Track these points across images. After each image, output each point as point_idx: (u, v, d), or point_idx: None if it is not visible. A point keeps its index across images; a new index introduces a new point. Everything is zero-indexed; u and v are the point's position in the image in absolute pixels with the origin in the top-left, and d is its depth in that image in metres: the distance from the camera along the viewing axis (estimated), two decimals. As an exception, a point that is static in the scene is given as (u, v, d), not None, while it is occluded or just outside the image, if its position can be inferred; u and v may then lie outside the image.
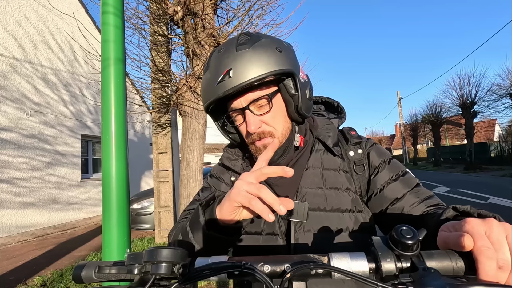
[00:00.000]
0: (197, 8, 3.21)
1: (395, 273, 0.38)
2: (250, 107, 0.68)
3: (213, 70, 0.67)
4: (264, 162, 0.57)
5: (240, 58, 0.64)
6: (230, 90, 0.63)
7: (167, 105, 3.82)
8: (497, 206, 6.35)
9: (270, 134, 0.70)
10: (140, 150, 9.84)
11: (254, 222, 0.73)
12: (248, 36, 0.68)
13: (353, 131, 0.80)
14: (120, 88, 1.51)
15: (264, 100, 0.68)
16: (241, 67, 0.63)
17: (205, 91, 0.70)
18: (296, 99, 0.70)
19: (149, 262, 0.38)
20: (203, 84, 0.71)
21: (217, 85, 0.65)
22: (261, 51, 0.65)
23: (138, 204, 5.93)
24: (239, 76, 0.63)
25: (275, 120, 0.70)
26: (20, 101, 6.15)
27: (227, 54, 0.66)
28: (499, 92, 15.04)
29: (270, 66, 0.64)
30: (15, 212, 5.88)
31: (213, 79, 0.66)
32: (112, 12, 1.51)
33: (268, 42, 0.67)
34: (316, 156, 0.75)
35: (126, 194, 1.50)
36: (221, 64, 0.65)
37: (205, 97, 0.70)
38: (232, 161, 0.82)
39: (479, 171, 15.22)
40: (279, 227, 0.71)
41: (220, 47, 0.69)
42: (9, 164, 5.84)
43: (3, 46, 5.90)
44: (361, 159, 0.74)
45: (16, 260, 4.60)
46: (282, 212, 0.49)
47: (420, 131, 26.90)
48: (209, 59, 0.70)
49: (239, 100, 0.68)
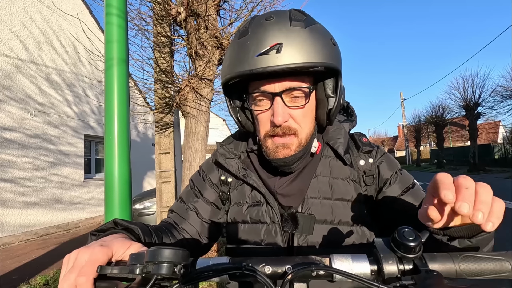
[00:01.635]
0: (200, 9, 3.22)
1: (397, 275, 0.38)
2: (282, 95, 0.59)
3: (254, 38, 0.56)
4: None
5: (293, 35, 0.55)
6: (273, 68, 0.54)
7: (170, 105, 3.84)
8: (501, 208, 6.29)
9: (294, 132, 0.62)
10: (142, 151, 9.88)
11: (253, 229, 0.69)
12: (302, 14, 0.60)
13: (364, 138, 0.73)
14: (123, 88, 1.52)
15: (300, 93, 0.60)
16: (293, 46, 0.54)
17: (237, 59, 0.58)
18: (331, 102, 0.64)
19: (150, 262, 0.37)
20: (235, 50, 0.59)
21: (257, 57, 0.55)
22: (317, 36, 0.57)
23: (140, 204, 5.93)
24: (290, 56, 0.54)
25: (305, 118, 0.63)
26: (24, 101, 6.20)
27: (279, 26, 0.56)
28: (503, 94, 14.93)
29: (324, 56, 0.56)
30: (19, 212, 5.92)
31: (254, 48, 0.55)
32: (115, 13, 1.52)
33: (324, 30, 0.60)
34: (325, 163, 0.69)
35: (128, 194, 1.51)
36: (269, 34, 0.55)
37: (235, 67, 0.58)
38: (227, 159, 0.73)
39: (483, 173, 15.10)
40: (282, 238, 0.66)
41: (269, 15, 0.59)
42: (13, 163, 5.89)
43: (8, 46, 5.96)
44: (371, 169, 0.68)
45: (19, 259, 4.63)
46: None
47: (423, 133, 26.75)
48: (250, 24, 0.60)
49: (273, 82, 0.59)
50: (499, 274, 0.39)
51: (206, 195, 0.76)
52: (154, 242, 0.58)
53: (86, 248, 0.42)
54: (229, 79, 0.60)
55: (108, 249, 0.43)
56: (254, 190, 0.70)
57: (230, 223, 0.73)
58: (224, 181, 0.75)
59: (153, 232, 0.59)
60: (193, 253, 0.75)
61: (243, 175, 0.70)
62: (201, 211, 0.75)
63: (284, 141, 0.62)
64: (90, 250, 0.42)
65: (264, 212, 0.68)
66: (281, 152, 0.62)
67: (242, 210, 0.71)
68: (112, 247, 0.43)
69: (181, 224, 0.74)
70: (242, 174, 0.71)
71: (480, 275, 0.39)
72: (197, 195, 0.77)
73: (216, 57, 3.44)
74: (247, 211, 0.70)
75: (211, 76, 3.49)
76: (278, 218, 0.66)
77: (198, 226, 0.74)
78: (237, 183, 0.74)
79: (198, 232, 0.74)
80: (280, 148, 0.62)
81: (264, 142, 0.65)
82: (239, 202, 0.72)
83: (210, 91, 3.55)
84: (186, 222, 0.74)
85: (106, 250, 0.42)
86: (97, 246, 0.43)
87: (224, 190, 0.75)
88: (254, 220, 0.69)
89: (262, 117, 0.63)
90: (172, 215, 0.78)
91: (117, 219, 0.54)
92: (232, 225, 0.72)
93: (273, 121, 0.60)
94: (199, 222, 0.75)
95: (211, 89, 3.56)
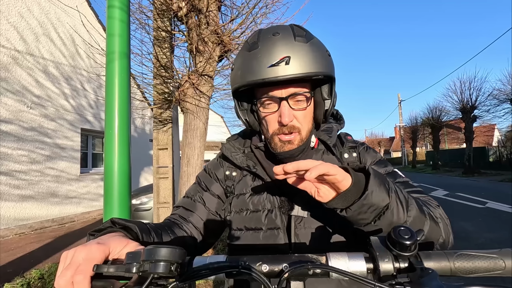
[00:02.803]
0: (201, 5, 3.20)
1: (392, 273, 0.38)
2: (288, 100, 0.69)
3: (266, 51, 0.65)
4: None
5: (298, 49, 0.65)
6: (283, 77, 0.64)
7: (169, 101, 3.81)
8: (495, 210, 6.37)
9: (298, 130, 0.72)
10: (140, 146, 9.83)
11: (255, 217, 0.74)
12: (302, 30, 0.70)
13: (349, 136, 0.84)
14: (124, 82, 1.51)
15: (303, 97, 0.71)
16: (299, 58, 0.64)
17: (249, 70, 0.67)
18: (327, 103, 0.75)
19: (147, 261, 0.37)
20: (247, 62, 0.69)
21: (269, 68, 0.64)
22: (316, 50, 0.67)
23: (137, 200, 5.92)
24: (297, 67, 0.64)
25: (305, 119, 0.73)
26: (21, 94, 6.13)
27: (286, 41, 0.65)
28: (500, 97, 15.05)
29: (323, 66, 0.67)
30: (14, 205, 5.88)
31: (266, 60, 0.65)
32: (117, 6, 1.51)
33: (321, 43, 0.71)
34: (317, 156, 0.78)
35: (128, 189, 1.50)
36: (277, 48, 0.65)
37: (247, 77, 0.68)
38: (233, 153, 0.82)
39: (478, 176, 15.25)
40: (281, 221, 0.71)
41: (275, 31, 0.68)
42: (9, 156, 5.83)
43: (5, 37, 5.88)
44: (354, 161, 0.78)
45: (13, 252, 4.60)
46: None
47: (420, 134, 26.91)
48: (259, 38, 0.69)
49: (280, 89, 0.69)
50: (493, 271, 0.39)
51: (212, 188, 0.83)
52: (153, 241, 0.60)
53: (83, 246, 0.43)
54: (241, 86, 0.70)
55: (105, 247, 0.43)
56: (256, 179, 0.78)
57: (233, 212, 0.78)
58: (228, 176, 0.83)
59: (152, 231, 0.61)
60: (196, 249, 0.77)
61: (246, 166, 0.78)
62: (208, 203, 0.81)
63: (289, 138, 0.72)
64: (87, 248, 0.42)
65: (266, 199, 0.75)
66: (287, 146, 0.73)
67: (245, 199, 0.77)
68: (109, 245, 0.44)
69: (188, 217, 0.79)
70: (246, 165, 0.78)
71: (475, 272, 0.40)
72: (204, 189, 0.84)
73: (216, 54, 3.42)
74: (249, 199, 0.76)
75: (211, 73, 3.47)
76: (278, 202, 0.73)
77: (205, 217, 0.80)
78: (240, 175, 0.81)
79: (205, 223, 0.79)
80: (286, 144, 0.72)
81: (272, 139, 0.74)
82: (242, 192, 0.78)
83: (210, 88, 3.53)
84: (194, 214, 0.80)
85: (103, 248, 0.43)
86: (94, 244, 0.43)
87: (229, 184, 0.82)
88: (256, 207, 0.75)
89: (270, 118, 0.73)
90: (179, 210, 0.82)
91: (115, 218, 0.54)
92: (235, 213, 0.77)
93: (281, 122, 0.70)
94: (206, 213, 0.80)
95: (211, 85, 3.54)
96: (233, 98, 0.79)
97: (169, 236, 0.68)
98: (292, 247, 0.68)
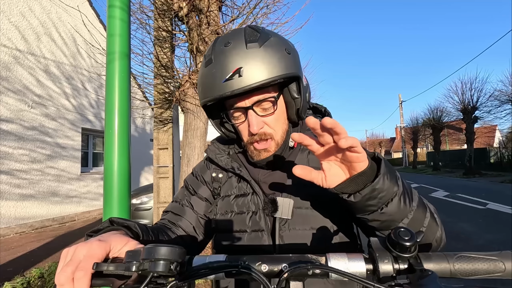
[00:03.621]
0: (202, 5, 3.20)
1: (392, 274, 0.38)
2: (254, 108, 0.67)
3: (219, 65, 0.64)
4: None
5: (251, 57, 0.62)
6: (239, 90, 0.62)
7: (169, 101, 3.82)
8: (496, 212, 6.35)
9: (270, 136, 0.70)
10: (140, 146, 9.84)
11: (239, 218, 0.73)
12: (256, 31, 0.66)
13: None
14: (124, 82, 1.51)
15: (268, 103, 0.69)
16: (252, 67, 0.62)
17: (208, 86, 0.66)
18: (298, 102, 0.72)
19: (147, 260, 0.37)
20: (205, 78, 0.67)
21: (223, 83, 0.62)
22: (271, 52, 0.63)
23: (137, 199, 5.92)
24: (250, 77, 0.61)
25: (277, 122, 0.71)
26: (22, 93, 6.14)
27: (236, 50, 0.63)
28: (501, 98, 15.01)
29: (281, 69, 0.63)
30: (14, 204, 5.89)
31: (220, 75, 0.63)
32: (118, 6, 1.51)
33: (278, 42, 0.66)
34: (303, 156, 0.76)
35: (127, 188, 1.50)
36: (229, 60, 0.63)
37: (207, 93, 0.67)
38: (217, 155, 0.81)
39: (478, 177, 15.21)
40: (265, 223, 0.70)
41: (227, 40, 0.66)
42: (10, 155, 5.84)
43: (6, 37, 5.89)
44: None
45: (14, 251, 4.61)
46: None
47: (421, 135, 26.86)
48: (213, 51, 0.67)
49: (243, 99, 0.67)
50: (492, 274, 0.39)
51: (200, 192, 0.82)
52: (151, 240, 0.60)
53: (85, 243, 0.43)
54: (205, 102, 0.69)
55: (106, 244, 0.43)
56: (241, 181, 0.77)
57: (218, 214, 0.77)
58: (215, 178, 0.82)
59: (149, 230, 0.61)
60: (189, 250, 0.77)
61: (231, 167, 0.77)
62: (196, 206, 0.81)
63: (263, 146, 0.71)
64: (88, 245, 0.42)
65: (250, 201, 0.74)
66: (262, 155, 0.72)
67: (229, 200, 0.76)
68: (110, 243, 0.44)
69: (177, 221, 0.79)
70: (230, 167, 0.78)
71: (474, 274, 0.40)
72: (192, 193, 0.83)
73: (217, 54, 3.42)
74: (234, 201, 0.76)
75: (212, 73, 3.46)
76: (262, 204, 0.72)
77: (194, 221, 0.79)
78: (226, 177, 0.81)
79: (194, 227, 0.79)
80: (262, 152, 0.72)
81: (248, 148, 0.74)
82: (227, 194, 0.78)
83: (211, 88, 3.53)
84: (183, 219, 0.79)
85: (104, 245, 0.43)
86: (95, 241, 0.43)
87: (216, 186, 0.82)
88: (241, 209, 0.74)
89: (242, 128, 0.72)
90: (167, 215, 0.82)
91: (113, 217, 0.55)
92: (220, 215, 0.77)
93: (250, 131, 0.69)
94: (194, 217, 0.80)
95: (212, 85, 3.54)
96: (205, 113, 0.78)
97: (164, 237, 0.68)
98: (277, 249, 0.67)
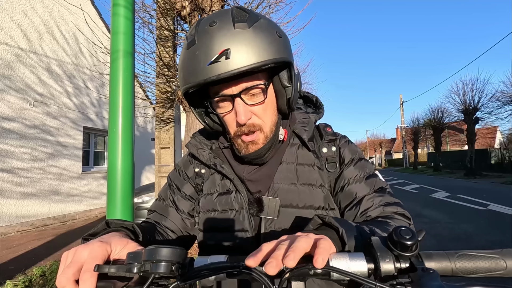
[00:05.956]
0: (204, 4, 3.20)
1: (393, 273, 0.38)
2: (241, 96, 0.61)
3: (203, 47, 0.57)
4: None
5: (239, 38, 0.56)
6: (226, 74, 0.55)
7: (171, 100, 3.82)
8: (496, 213, 6.34)
9: (259, 127, 0.65)
10: (141, 145, 9.85)
11: (222, 218, 0.70)
12: (244, 12, 0.60)
13: (328, 128, 0.77)
14: (128, 81, 1.51)
15: (258, 90, 0.63)
16: (241, 49, 0.55)
17: (190, 71, 0.59)
18: (289, 91, 0.66)
19: (148, 261, 0.37)
20: (187, 61, 0.60)
21: (208, 66, 0.55)
22: (262, 34, 0.57)
23: (138, 199, 5.92)
24: (238, 60, 0.55)
25: (266, 112, 0.65)
26: (24, 91, 6.15)
27: (223, 31, 0.56)
28: (502, 99, 15.01)
29: (271, 52, 0.57)
30: (16, 202, 5.90)
31: (204, 58, 0.56)
32: (122, 4, 1.51)
33: (268, 25, 0.61)
34: (291, 151, 0.72)
35: (131, 187, 1.50)
36: (215, 41, 0.56)
37: (189, 78, 0.59)
38: (199, 150, 0.75)
39: (479, 178, 15.19)
40: (249, 223, 0.67)
41: (212, 20, 0.58)
42: (11, 153, 5.85)
43: (9, 35, 5.90)
44: (333, 156, 0.71)
45: (15, 249, 4.62)
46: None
47: (421, 136, 26.85)
48: (196, 31, 0.59)
49: (230, 86, 0.61)
50: (494, 272, 0.39)
51: (183, 189, 0.78)
52: (150, 240, 0.59)
53: (85, 245, 0.42)
54: (187, 89, 0.62)
55: (107, 245, 0.43)
56: (224, 178, 0.73)
57: (201, 212, 0.74)
58: (198, 173, 0.78)
59: (146, 231, 0.59)
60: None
61: (213, 164, 0.73)
62: (180, 206, 0.77)
63: (252, 139, 0.65)
64: (89, 247, 0.42)
65: (233, 199, 0.70)
66: (251, 148, 0.66)
67: (212, 199, 0.72)
68: (111, 244, 0.44)
69: (162, 221, 0.76)
70: (212, 163, 0.73)
71: (476, 273, 0.40)
72: (175, 191, 0.79)
73: (219, 53, 3.42)
74: (217, 199, 0.72)
75: (214, 72, 3.47)
76: (246, 203, 0.68)
77: (179, 222, 0.76)
78: (209, 173, 0.76)
79: (179, 228, 0.76)
80: (250, 145, 0.66)
81: (235, 141, 0.68)
82: (209, 191, 0.74)
83: (213, 87, 3.53)
84: (167, 219, 0.76)
85: (106, 246, 0.43)
86: (97, 242, 0.43)
87: (198, 182, 0.77)
88: (224, 208, 0.71)
89: (228, 118, 0.66)
90: (152, 214, 0.79)
91: (109, 219, 0.54)
92: (202, 214, 0.73)
93: (237, 121, 0.63)
94: (179, 218, 0.76)
95: (214, 85, 3.54)
96: (185, 100, 0.70)
97: (159, 237, 0.67)
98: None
